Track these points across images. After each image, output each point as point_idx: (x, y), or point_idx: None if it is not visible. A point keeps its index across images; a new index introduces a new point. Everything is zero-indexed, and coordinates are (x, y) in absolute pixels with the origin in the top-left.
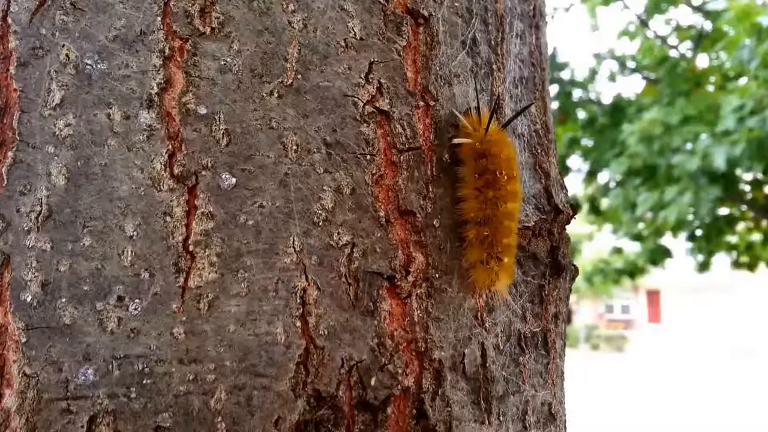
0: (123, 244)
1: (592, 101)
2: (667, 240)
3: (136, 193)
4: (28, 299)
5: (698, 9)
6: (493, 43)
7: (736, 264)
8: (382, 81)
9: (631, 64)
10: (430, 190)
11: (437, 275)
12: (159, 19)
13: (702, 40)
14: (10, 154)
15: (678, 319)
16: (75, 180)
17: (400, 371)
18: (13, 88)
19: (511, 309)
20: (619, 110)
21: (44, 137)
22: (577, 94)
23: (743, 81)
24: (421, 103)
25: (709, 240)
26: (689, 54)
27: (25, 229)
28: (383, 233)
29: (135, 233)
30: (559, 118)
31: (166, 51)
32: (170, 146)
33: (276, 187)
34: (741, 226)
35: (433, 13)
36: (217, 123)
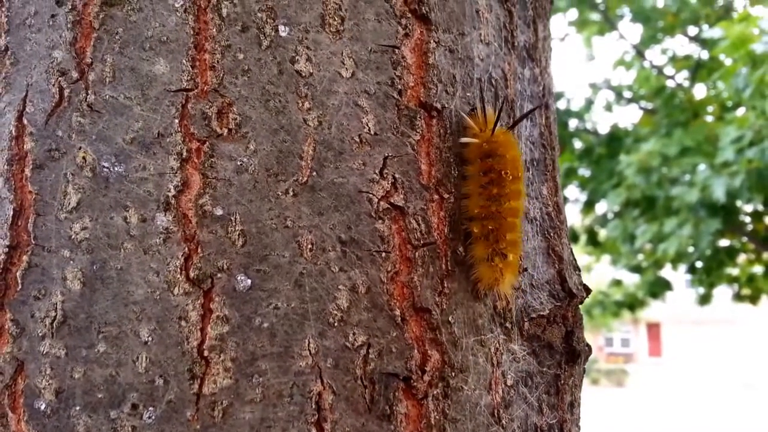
0: (138, 350)
1: (588, 131)
2: (667, 272)
3: (152, 297)
4: (42, 407)
5: (694, 39)
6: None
7: (738, 297)
8: (397, 176)
9: (627, 94)
10: (446, 285)
11: (453, 374)
12: (177, 121)
13: (699, 70)
14: (24, 258)
15: (679, 353)
16: (90, 284)
17: None
18: (29, 190)
19: (527, 402)
20: (616, 140)
21: (60, 241)
22: (573, 123)
23: (741, 111)
24: (436, 197)
25: (710, 272)
26: (686, 84)
27: (40, 335)
28: (399, 332)
29: (150, 338)
30: None
31: (184, 153)
32: (186, 249)
33: (291, 288)
34: (742, 258)
35: (446, 105)
36: (234, 224)
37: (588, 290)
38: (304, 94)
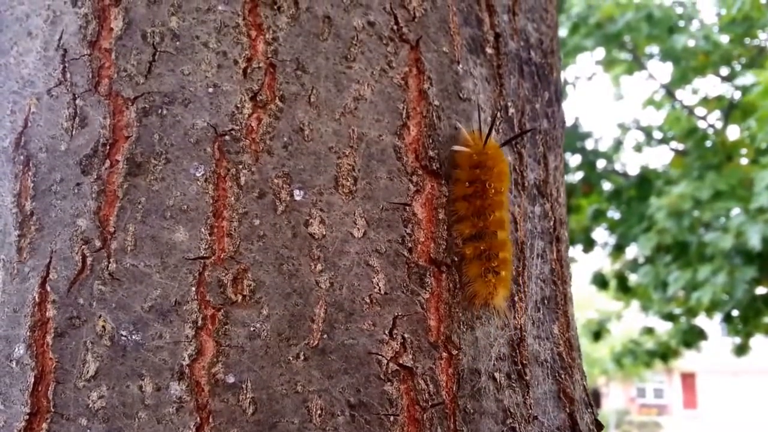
0: None
1: (617, 172)
2: (701, 320)
3: None
4: None
5: (726, 79)
6: (514, 273)
7: None
8: (406, 336)
9: (657, 135)
10: None
11: None
12: (194, 289)
13: (732, 111)
14: (44, 425)
15: (716, 405)
16: None
17: None
18: (49, 357)
19: None
20: (646, 182)
21: (78, 409)
22: (600, 164)
23: None
24: (444, 354)
25: (747, 322)
26: (719, 124)
27: None
28: None
29: None
30: (583, 189)
31: (199, 321)
32: (198, 418)
33: None
34: None
35: (456, 260)
36: (245, 391)
37: (600, 427)
38: (317, 256)
